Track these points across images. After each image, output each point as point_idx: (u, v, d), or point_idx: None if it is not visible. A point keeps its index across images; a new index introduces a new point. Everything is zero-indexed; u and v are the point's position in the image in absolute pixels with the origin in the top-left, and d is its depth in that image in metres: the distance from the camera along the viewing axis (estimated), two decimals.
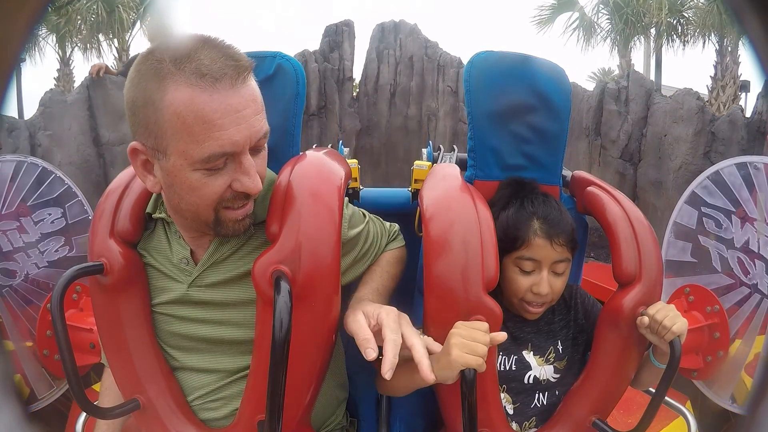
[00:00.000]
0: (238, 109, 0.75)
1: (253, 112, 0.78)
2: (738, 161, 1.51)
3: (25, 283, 1.55)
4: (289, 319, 0.70)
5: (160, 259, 0.95)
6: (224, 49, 0.76)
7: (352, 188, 1.37)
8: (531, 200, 1.08)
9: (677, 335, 0.93)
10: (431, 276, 0.98)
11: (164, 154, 0.77)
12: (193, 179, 0.78)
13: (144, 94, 0.75)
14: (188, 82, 0.73)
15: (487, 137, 1.23)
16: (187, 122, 0.74)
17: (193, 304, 0.93)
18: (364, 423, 1.22)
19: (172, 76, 0.73)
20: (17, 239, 1.52)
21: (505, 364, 1.09)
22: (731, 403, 1.45)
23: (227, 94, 0.74)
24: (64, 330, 0.79)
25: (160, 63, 0.74)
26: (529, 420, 1.10)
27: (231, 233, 0.87)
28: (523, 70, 1.22)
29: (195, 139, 0.74)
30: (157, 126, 0.75)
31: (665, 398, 0.96)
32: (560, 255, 1.04)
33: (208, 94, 0.73)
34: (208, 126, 0.74)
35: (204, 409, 0.99)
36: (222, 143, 0.75)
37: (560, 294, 1.08)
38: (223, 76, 0.74)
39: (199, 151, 0.75)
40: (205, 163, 0.76)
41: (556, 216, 1.05)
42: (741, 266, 1.51)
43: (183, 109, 0.73)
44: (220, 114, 0.74)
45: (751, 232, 1.48)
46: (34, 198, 1.55)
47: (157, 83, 0.73)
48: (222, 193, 0.80)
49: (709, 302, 1.36)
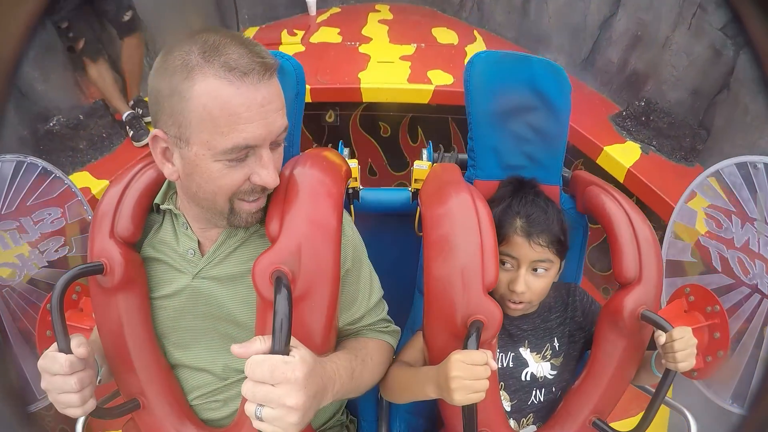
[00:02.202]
0: (263, 104, 0.78)
1: (276, 108, 0.80)
2: (738, 161, 1.51)
3: (25, 283, 1.55)
4: (289, 319, 0.70)
5: (167, 251, 0.96)
6: (251, 46, 0.79)
7: (353, 188, 1.37)
8: (520, 198, 1.09)
9: (678, 371, 0.93)
10: (431, 276, 0.98)
11: (187, 143, 0.79)
12: (214, 169, 0.79)
13: (170, 85, 0.77)
14: (216, 75, 0.75)
15: (487, 137, 1.23)
16: (213, 113, 0.75)
17: (196, 296, 0.94)
18: (364, 422, 1.22)
19: (200, 68, 0.75)
20: (17, 239, 1.52)
21: (503, 361, 1.10)
22: (731, 403, 1.45)
23: (254, 89, 0.76)
24: (64, 330, 0.79)
25: (189, 55, 0.76)
26: (527, 417, 1.10)
27: (244, 224, 0.88)
28: (523, 70, 1.22)
29: (220, 130, 0.76)
30: (182, 116, 0.77)
31: (665, 398, 0.96)
32: (539, 255, 1.04)
33: (236, 87, 0.75)
34: (234, 118, 0.76)
35: (204, 409, 0.99)
36: (246, 136, 0.77)
37: (542, 295, 1.08)
38: (251, 71, 0.76)
39: (223, 143, 0.77)
40: (228, 154, 0.78)
41: (539, 216, 1.05)
42: (741, 266, 1.50)
43: (210, 101, 0.75)
44: (246, 107, 0.76)
45: (751, 232, 1.48)
46: (34, 198, 1.55)
47: (185, 74, 0.75)
48: (240, 184, 0.82)
49: (709, 302, 1.36)
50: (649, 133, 2.56)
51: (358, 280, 0.99)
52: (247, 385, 0.67)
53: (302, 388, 0.68)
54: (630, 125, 2.63)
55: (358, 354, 0.94)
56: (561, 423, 1.06)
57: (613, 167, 2.40)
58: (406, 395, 1.02)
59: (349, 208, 1.38)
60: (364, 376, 0.94)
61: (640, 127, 2.60)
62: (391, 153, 3.20)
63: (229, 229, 0.93)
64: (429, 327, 1.00)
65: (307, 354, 0.73)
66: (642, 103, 2.67)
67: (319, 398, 0.75)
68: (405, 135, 3.13)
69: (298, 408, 0.68)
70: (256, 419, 0.68)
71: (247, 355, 0.69)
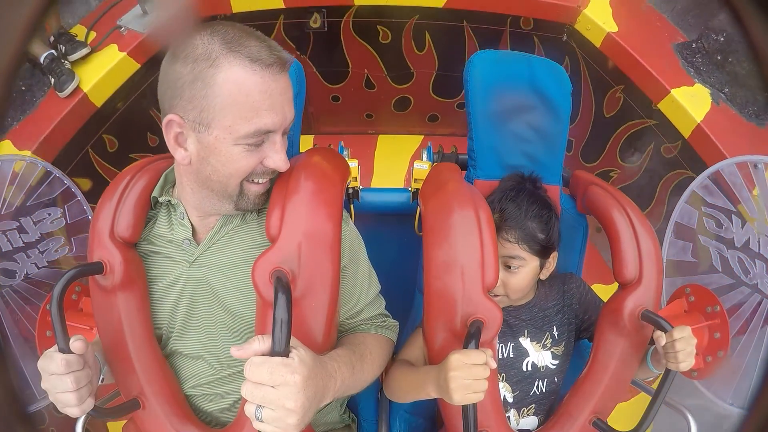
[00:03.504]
0: (281, 93, 0.85)
1: (290, 98, 0.88)
2: (738, 161, 1.51)
3: (25, 283, 1.55)
4: (289, 320, 0.70)
5: (162, 242, 0.97)
6: (267, 41, 0.84)
7: (353, 188, 1.37)
8: (508, 194, 1.09)
9: (679, 371, 0.94)
10: (431, 276, 0.98)
11: (207, 127, 0.83)
12: (234, 152, 0.84)
13: (193, 71, 0.80)
14: (242, 64, 0.80)
15: (487, 137, 1.23)
16: (238, 100, 0.80)
17: (192, 285, 0.95)
18: (364, 422, 1.22)
19: (225, 57, 0.80)
20: (17, 239, 1.52)
21: (503, 351, 1.10)
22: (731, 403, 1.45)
23: (274, 79, 0.83)
24: (63, 330, 0.79)
25: (211, 44, 0.80)
26: (528, 407, 1.11)
27: (250, 207, 0.93)
28: (523, 70, 1.22)
29: (243, 115, 0.81)
30: (205, 101, 0.81)
31: (665, 398, 0.96)
32: (508, 251, 1.04)
33: (260, 76, 0.81)
34: (257, 105, 0.82)
35: (200, 401, 1.00)
36: (266, 122, 0.83)
37: (519, 290, 1.08)
38: (273, 63, 0.82)
39: (246, 127, 0.82)
40: (248, 138, 0.83)
41: (514, 213, 1.05)
42: (741, 266, 1.50)
43: (235, 88, 0.80)
44: (268, 96, 0.82)
45: (751, 232, 1.48)
46: (34, 198, 1.55)
47: (209, 62, 0.79)
48: (254, 167, 0.87)
49: (710, 302, 1.36)
50: (722, 78, 2.01)
51: (356, 275, 1.00)
52: (247, 386, 0.68)
53: (302, 389, 0.69)
54: (700, 63, 2.05)
55: (357, 350, 0.94)
56: (561, 423, 1.06)
57: (680, 118, 1.92)
58: (408, 395, 1.02)
59: (349, 208, 1.38)
60: (364, 372, 0.94)
61: (713, 67, 2.03)
62: (392, 62, 2.64)
63: (226, 216, 0.95)
64: (429, 326, 1.00)
65: (307, 354, 0.73)
66: (721, 39, 2.06)
67: (320, 398, 0.75)
68: (409, 41, 2.54)
69: (297, 409, 0.68)
70: (256, 420, 0.68)
71: (246, 356, 0.69)
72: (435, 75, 2.63)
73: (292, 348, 0.72)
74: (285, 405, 0.67)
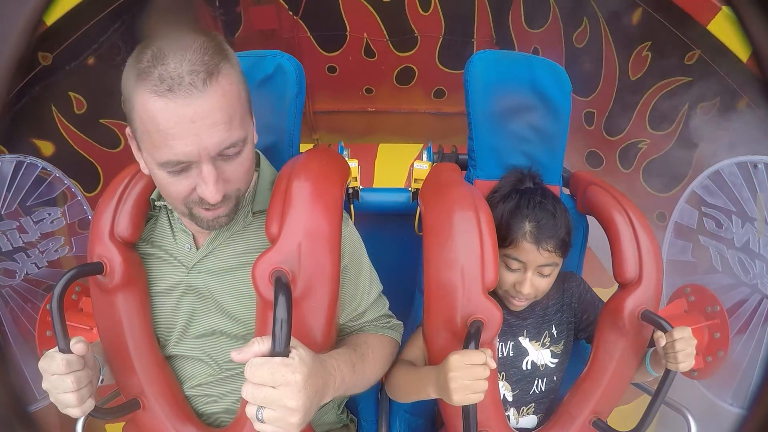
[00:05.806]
0: (194, 119, 0.74)
1: (213, 123, 0.75)
2: (738, 161, 1.51)
3: (25, 283, 1.55)
4: (289, 320, 0.70)
5: (163, 245, 0.97)
6: (200, 51, 0.74)
7: (352, 188, 1.37)
8: (528, 200, 1.07)
9: (679, 371, 0.94)
10: (431, 276, 0.98)
11: (140, 148, 0.82)
12: (161, 177, 0.80)
13: (126, 90, 0.78)
14: (152, 86, 0.73)
15: (487, 137, 1.23)
16: (147, 127, 0.76)
17: (192, 290, 0.94)
18: (364, 422, 1.22)
19: (142, 79, 0.74)
20: (17, 239, 1.52)
21: (503, 350, 1.10)
22: (731, 403, 1.45)
23: (184, 104, 0.73)
24: (63, 330, 0.79)
25: (141, 61, 0.74)
26: (528, 406, 1.11)
27: (208, 228, 0.88)
28: (523, 70, 1.22)
29: (154, 143, 0.77)
30: (132, 122, 0.79)
31: (665, 398, 0.96)
32: (547, 260, 1.04)
33: (164, 101, 0.73)
34: (163, 134, 0.75)
35: (198, 403, 0.99)
36: (175, 152, 0.76)
37: (546, 291, 1.09)
38: (179, 84, 0.72)
39: (158, 156, 0.77)
40: (164, 167, 0.78)
41: (548, 221, 1.04)
42: (741, 266, 1.50)
43: (144, 114, 0.75)
44: (173, 123, 0.74)
45: (751, 232, 1.48)
46: (34, 198, 1.55)
47: (133, 82, 0.75)
48: (187, 194, 0.81)
49: (710, 302, 1.36)
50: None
51: (358, 277, 1.00)
52: (248, 388, 0.67)
53: (302, 389, 0.68)
54: None
55: (358, 349, 0.94)
56: (561, 423, 1.06)
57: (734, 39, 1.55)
58: (409, 395, 1.02)
59: (349, 208, 1.38)
60: (365, 371, 0.93)
61: None
62: (395, 25, 2.40)
63: None
64: (429, 327, 1.00)
65: (307, 354, 0.73)
66: None
67: (320, 397, 0.75)
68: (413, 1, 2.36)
69: (298, 409, 0.68)
70: (257, 421, 0.68)
71: (246, 359, 0.69)
72: (441, 41, 2.38)
73: (291, 348, 0.71)
74: (287, 405, 0.67)
